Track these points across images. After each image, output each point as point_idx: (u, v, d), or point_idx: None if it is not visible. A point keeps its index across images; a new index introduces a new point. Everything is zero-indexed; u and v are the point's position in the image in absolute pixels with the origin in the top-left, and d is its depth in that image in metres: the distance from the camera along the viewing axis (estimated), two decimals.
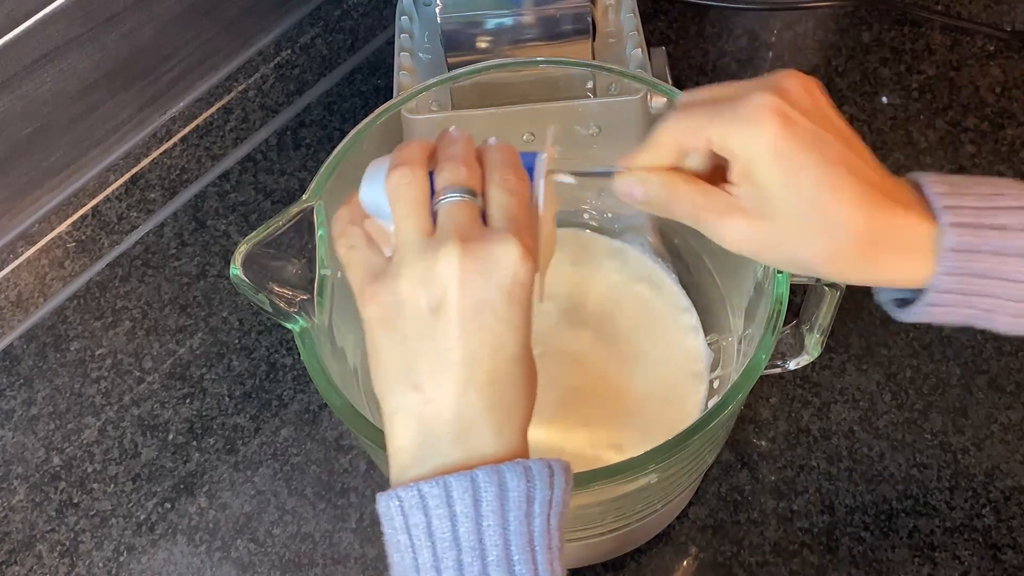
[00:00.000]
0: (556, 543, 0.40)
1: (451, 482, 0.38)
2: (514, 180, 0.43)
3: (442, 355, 0.40)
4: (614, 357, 0.64)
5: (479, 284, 0.39)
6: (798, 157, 0.41)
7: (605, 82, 0.65)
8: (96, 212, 0.80)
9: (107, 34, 0.74)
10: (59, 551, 0.68)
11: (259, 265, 0.51)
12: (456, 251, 0.39)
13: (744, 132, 0.41)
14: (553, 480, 0.40)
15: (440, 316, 0.40)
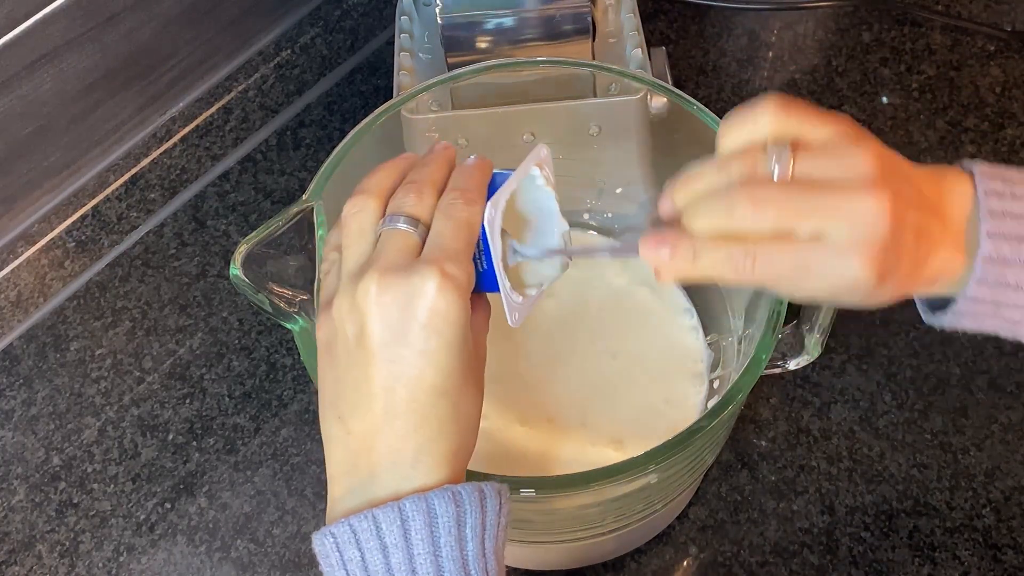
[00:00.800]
0: (493, 566, 0.40)
1: (378, 515, 0.39)
2: (460, 206, 0.42)
3: (360, 386, 0.40)
4: (614, 357, 0.64)
5: (394, 315, 0.40)
6: (886, 295, 0.40)
7: (605, 82, 0.65)
8: (96, 212, 0.80)
9: (107, 34, 0.74)
10: (59, 551, 0.68)
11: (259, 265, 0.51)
12: (374, 282, 0.40)
13: (837, 297, 0.40)
14: (485, 503, 0.40)
15: (360, 346, 0.40)
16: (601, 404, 0.63)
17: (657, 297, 0.67)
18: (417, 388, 0.40)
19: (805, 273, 0.38)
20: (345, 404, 0.41)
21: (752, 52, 0.90)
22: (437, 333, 0.40)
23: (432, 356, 0.40)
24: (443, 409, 0.40)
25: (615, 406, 0.62)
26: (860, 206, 0.37)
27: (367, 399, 0.40)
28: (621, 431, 0.61)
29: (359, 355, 0.40)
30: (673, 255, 0.40)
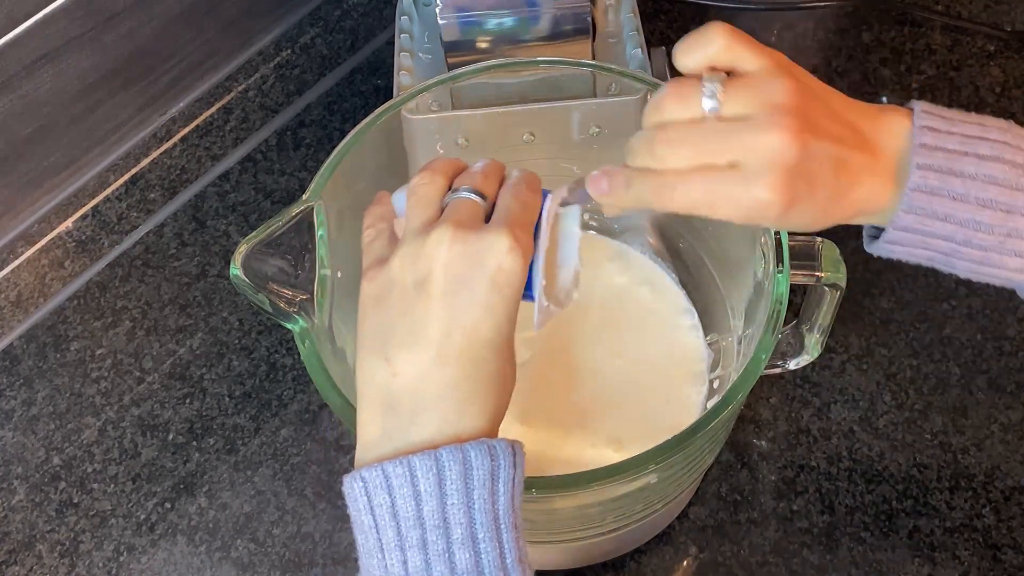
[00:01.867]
0: (520, 523, 0.41)
1: (415, 461, 0.39)
2: (526, 192, 0.45)
3: (416, 329, 0.41)
4: (614, 357, 0.64)
5: (463, 265, 0.41)
6: (805, 218, 0.43)
7: (605, 82, 0.65)
8: (96, 212, 0.80)
9: (107, 34, 0.74)
10: (59, 551, 0.68)
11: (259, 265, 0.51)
12: (448, 233, 0.41)
13: (752, 221, 0.43)
14: (516, 460, 0.41)
15: (421, 292, 0.41)
16: (601, 404, 0.63)
17: (657, 297, 0.67)
18: (474, 339, 0.41)
19: (718, 199, 0.41)
20: (395, 346, 0.41)
21: None
22: (500, 290, 0.41)
23: (493, 310, 0.41)
24: (493, 364, 0.42)
25: (615, 406, 0.62)
26: (768, 138, 0.40)
27: (421, 342, 0.41)
28: (621, 431, 0.61)
29: (420, 300, 0.41)
30: (610, 185, 0.44)
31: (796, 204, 0.41)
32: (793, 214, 0.42)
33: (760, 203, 0.41)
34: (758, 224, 0.48)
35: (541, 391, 0.63)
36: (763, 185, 0.41)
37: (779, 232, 0.52)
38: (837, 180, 0.42)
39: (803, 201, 0.41)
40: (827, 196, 0.42)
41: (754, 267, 0.56)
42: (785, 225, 0.44)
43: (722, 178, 0.41)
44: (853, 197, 0.43)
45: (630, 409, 0.62)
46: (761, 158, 0.41)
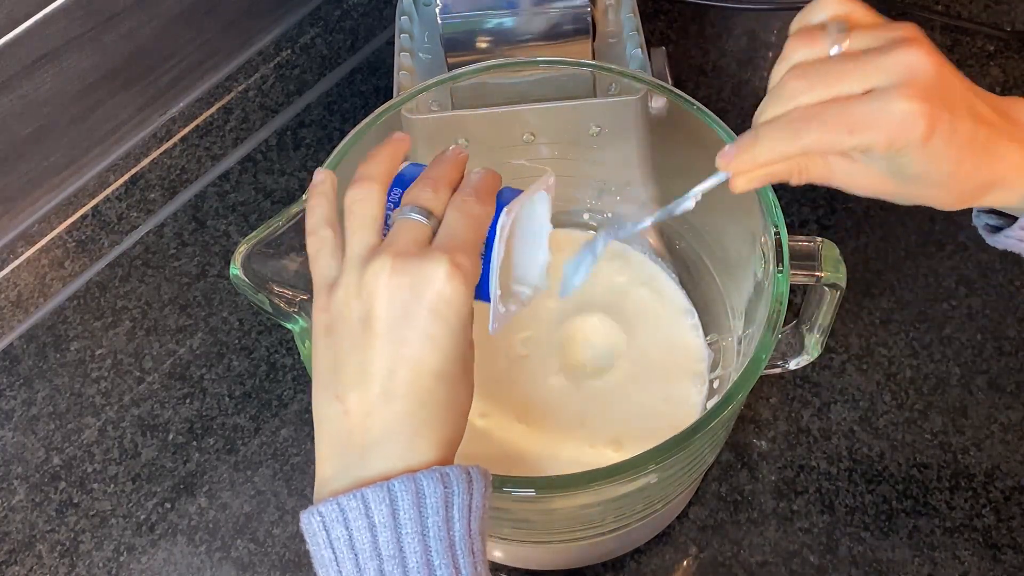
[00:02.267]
0: (479, 547, 0.41)
1: (368, 493, 0.39)
2: (473, 203, 0.43)
3: (363, 366, 0.41)
4: (614, 357, 0.64)
5: (403, 298, 0.40)
6: (947, 162, 0.41)
7: (605, 82, 0.65)
8: (96, 212, 0.80)
9: (107, 34, 0.74)
10: (59, 551, 0.68)
11: (259, 265, 0.51)
12: (386, 265, 0.41)
13: (894, 146, 0.41)
14: (472, 486, 0.41)
15: (365, 328, 0.41)
16: (601, 404, 0.63)
17: (657, 297, 0.67)
18: (419, 371, 0.41)
19: (857, 123, 0.39)
20: (344, 383, 0.42)
21: (752, 52, 0.90)
22: (443, 319, 0.40)
23: (436, 341, 0.41)
24: (441, 394, 0.41)
25: (615, 406, 0.62)
26: (902, 57, 0.39)
27: (368, 379, 0.41)
28: (620, 431, 0.61)
29: (364, 336, 0.41)
30: (737, 148, 0.41)
31: (938, 128, 0.39)
32: (936, 146, 0.40)
33: (903, 117, 0.39)
34: (900, 158, 0.41)
35: (541, 391, 0.63)
36: (904, 96, 0.39)
37: (779, 232, 0.52)
38: (976, 129, 0.41)
39: (944, 133, 0.40)
40: (967, 140, 0.40)
41: (754, 267, 0.56)
42: (928, 163, 0.41)
43: (860, 101, 0.40)
44: (996, 156, 0.41)
45: (630, 409, 0.62)
46: (897, 76, 0.39)
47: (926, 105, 0.39)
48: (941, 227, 0.77)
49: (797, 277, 0.52)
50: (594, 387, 0.63)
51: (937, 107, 0.39)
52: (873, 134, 0.40)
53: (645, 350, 0.65)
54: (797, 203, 0.79)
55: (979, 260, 0.75)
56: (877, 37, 0.40)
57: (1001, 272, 0.75)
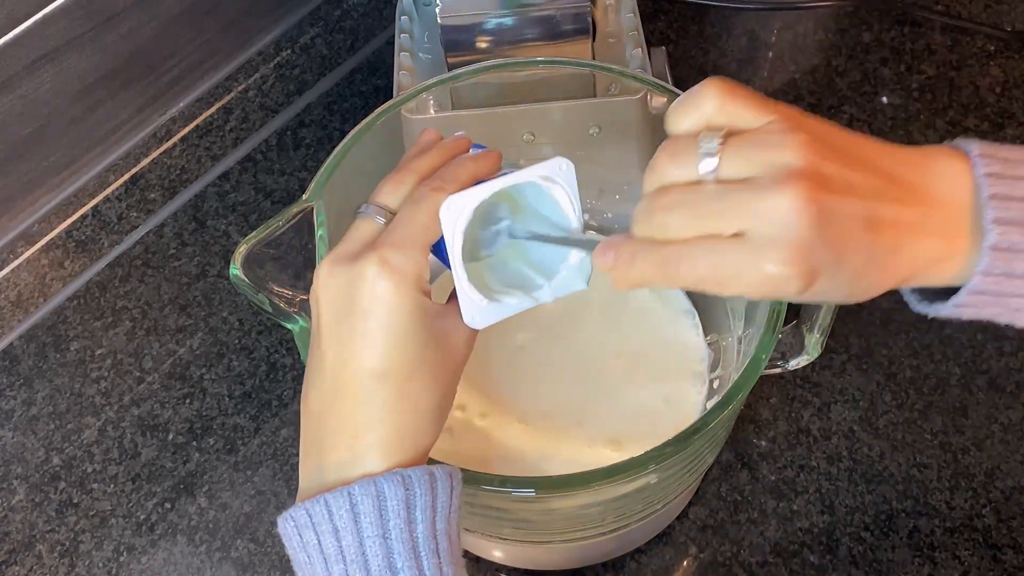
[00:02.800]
0: (445, 547, 0.41)
1: (329, 499, 0.40)
2: (426, 193, 0.43)
3: (316, 366, 0.42)
4: (614, 357, 0.64)
5: (340, 298, 0.41)
6: (839, 290, 0.38)
7: (605, 82, 0.65)
8: (96, 212, 0.80)
9: (107, 34, 0.74)
10: (59, 551, 0.68)
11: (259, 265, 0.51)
12: (325, 267, 0.42)
13: (769, 297, 0.39)
14: (435, 486, 0.41)
15: (316, 328, 0.43)
16: (600, 404, 0.63)
17: (657, 297, 0.67)
18: (357, 370, 0.41)
19: (727, 273, 0.37)
20: (308, 384, 0.43)
21: (752, 52, 0.90)
22: (375, 317, 0.41)
23: (370, 339, 0.41)
24: (384, 393, 0.41)
25: (614, 406, 0.62)
26: (774, 203, 0.35)
27: (320, 379, 0.42)
28: (620, 431, 0.61)
29: (315, 338, 0.43)
30: (616, 259, 0.39)
31: (819, 277, 0.36)
32: (820, 288, 0.36)
33: (773, 279, 0.36)
34: (779, 298, 0.39)
35: (540, 390, 0.63)
36: (773, 260, 0.35)
37: None
38: (875, 242, 0.36)
39: (829, 273, 0.36)
40: (863, 263, 0.37)
41: None
42: (816, 299, 0.38)
43: (728, 249, 0.36)
44: (902, 259, 0.38)
45: (630, 409, 0.62)
46: (768, 227, 0.35)
47: (798, 265, 0.35)
48: None
49: None
50: (593, 387, 0.63)
51: (817, 255, 0.35)
52: (744, 288, 0.37)
53: (645, 350, 0.65)
54: None
55: None
56: (752, 161, 0.36)
57: None
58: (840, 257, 0.36)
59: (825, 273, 0.36)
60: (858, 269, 0.37)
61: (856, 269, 0.37)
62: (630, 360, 0.64)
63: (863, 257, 0.37)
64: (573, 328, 0.66)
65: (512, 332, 0.66)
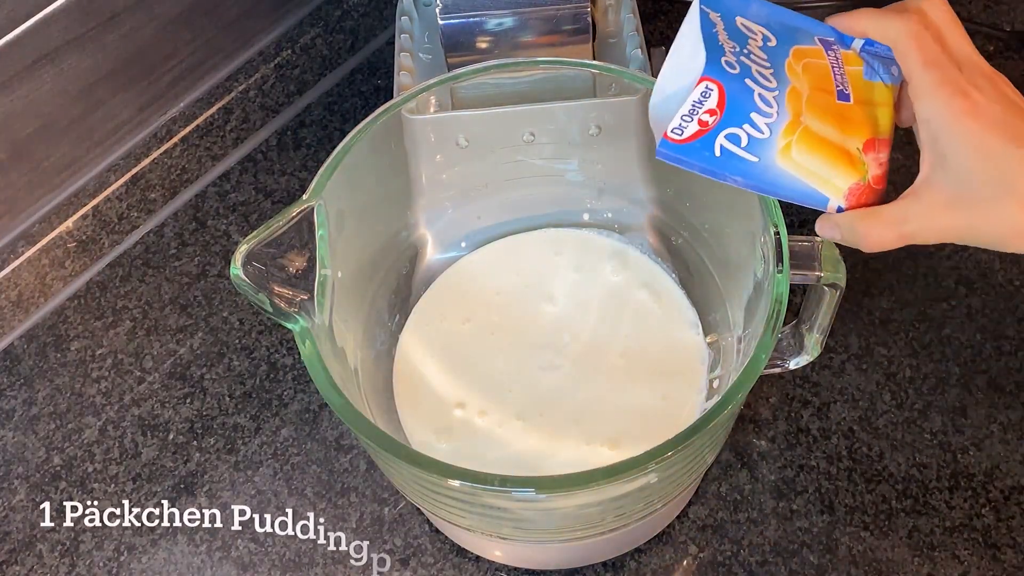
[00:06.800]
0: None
1: None
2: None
3: None
4: (614, 356, 0.64)
5: None
6: (986, 139, 0.43)
7: (605, 82, 0.65)
8: (96, 212, 0.80)
9: (107, 34, 0.74)
10: (59, 551, 0.68)
11: (259, 265, 0.51)
12: None
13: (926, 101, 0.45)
14: None
15: None
16: (599, 403, 0.63)
17: (657, 297, 0.67)
18: None
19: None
20: None
21: None
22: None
23: None
24: None
25: (614, 405, 0.62)
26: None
27: None
28: (619, 431, 0.61)
29: None
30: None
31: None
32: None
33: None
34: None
35: (540, 389, 0.63)
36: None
37: (779, 232, 0.52)
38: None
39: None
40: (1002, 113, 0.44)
41: (754, 267, 0.56)
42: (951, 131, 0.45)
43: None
44: None
45: (629, 408, 0.62)
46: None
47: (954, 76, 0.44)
48: None
49: (797, 277, 0.52)
50: (593, 386, 0.63)
51: (970, 92, 0.44)
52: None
53: (645, 349, 0.65)
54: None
55: (979, 260, 0.75)
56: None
57: (1001, 272, 0.75)
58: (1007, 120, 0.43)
59: (987, 118, 0.43)
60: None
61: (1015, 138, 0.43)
62: (630, 360, 0.64)
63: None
64: (573, 327, 0.66)
65: (512, 331, 0.66)
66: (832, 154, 0.47)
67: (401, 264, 0.68)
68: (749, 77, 0.46)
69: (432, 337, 0.67)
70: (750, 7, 0.49)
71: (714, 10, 0.48)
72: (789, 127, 0.46)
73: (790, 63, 0.48)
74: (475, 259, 0.70)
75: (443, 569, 0.65)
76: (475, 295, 0.68)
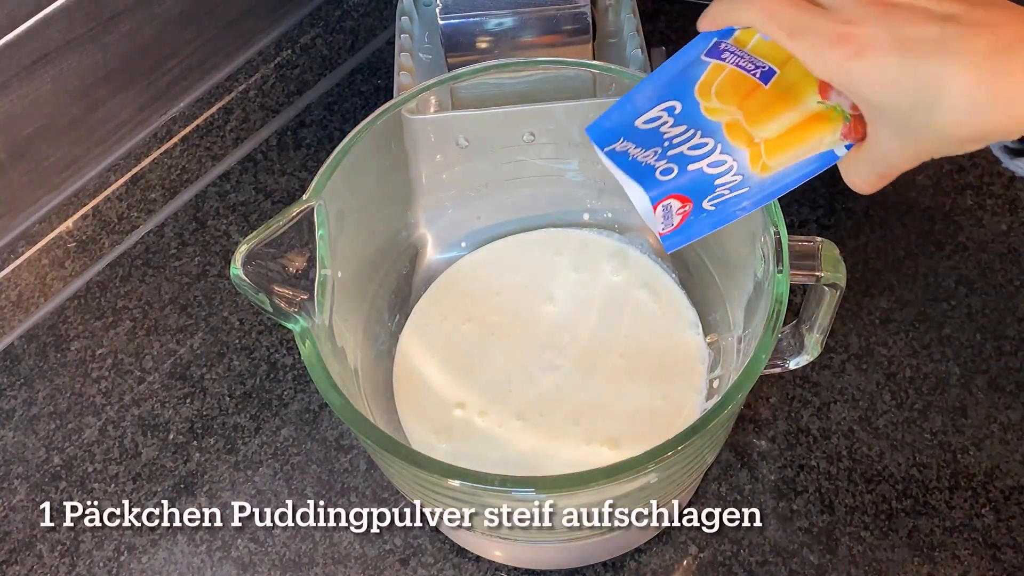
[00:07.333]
0: None
1: None
2: None
3: None
4: (614, 356, 0.64)
5: None
6: (882, 71, 0.41)
7: (605, 82, 0.65)
8: (96, 212, 0.80)
9: (107, 34, 0.75)
10: (59, 551, 0.68)
11: (259, 265, 0.51)
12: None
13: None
14: None
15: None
16: (600, 403, 0.63)
17: (657, 297, 0.67)
18: None
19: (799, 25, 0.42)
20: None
21: None
22: None
23: None
24: None
25: (614, 405, 0.63)
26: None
27: None
28: (618, 431, 0.61)
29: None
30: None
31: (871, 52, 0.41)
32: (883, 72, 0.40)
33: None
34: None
35: (540, 389, 0.63)
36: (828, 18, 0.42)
37: (779, 232, 0.52)
38: (944, 30, 0.40)
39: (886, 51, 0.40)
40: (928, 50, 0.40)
41: (754, 267, 0.56)
42: (901, 99, 0.41)
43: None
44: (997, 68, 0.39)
45: (628, 408, 0.62)
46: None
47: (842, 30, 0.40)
48: (941, 227, 0.77)
49: (797, 277, 0.52)
50: (593, 386, 0.63)
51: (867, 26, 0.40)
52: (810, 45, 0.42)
53: (644, 350, 0.65)
54: (797, 203, 0.79)
55: (979, 260, 0.75)
56: None
57: (1001, 272, 0.75)
58: (901, 36, 0.40)
59: (877, 49, 0.40)
60: (923, 55, 0.39)
61: (919, 56, 0.39)
62: (630, 360, 0.64)
63: (929, 46, 0.39)
64: (573, 327, 0.66)
65: (512, 331, 0.66)
66: (803, 129, 0.46)
67: (401, 264, 0.68)
68: (689, 162, 0.46)
69: (432, 337, 0.67)
70: (636, 102, 0.49)
71: (614, 142, 0.48)
72: (752, 157, 0.46)
73: (704, 108, 0.47)
74: (475, 259, 0.70)
75: (443, 569, 0.65)
76: (475, 295, 0.68)
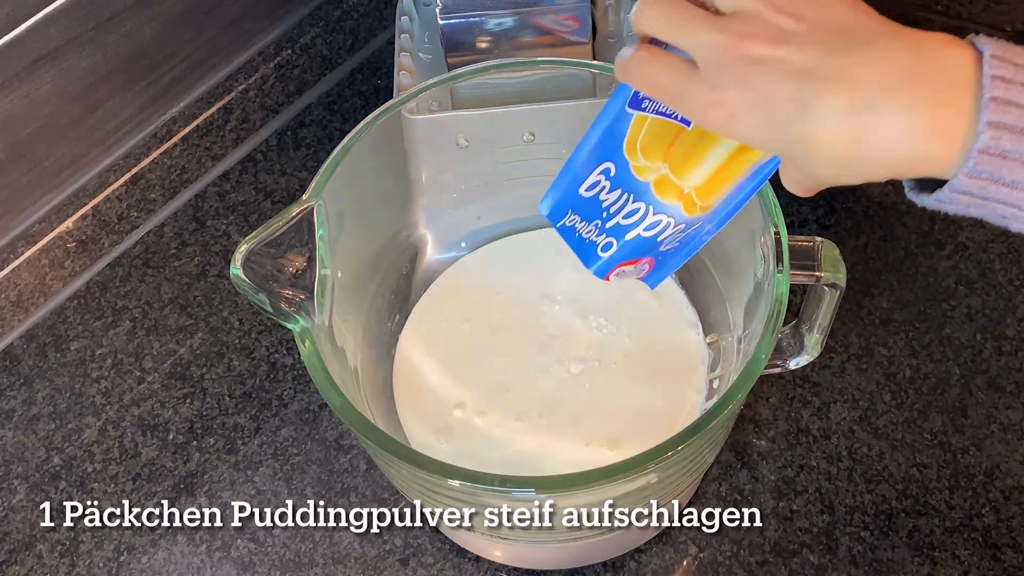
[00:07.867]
0: None
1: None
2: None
3: None
4: (614, 357, 0.64)
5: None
6: (755, 128, 0.40)
7: (605, 82, 0.65)
8: (96, 212, 0.80)
9: (107, 34, 0.75)
10: (59, 551, 0.68)
11: (259, 265, 0.51)
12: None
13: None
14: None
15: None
16: (599, 403, 0.63)
17: (656, 297, 0.67)
18: None
19: (676, 91, 0.41)
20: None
21: None
22: None
23: None
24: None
25: (614, 405, 0.63)
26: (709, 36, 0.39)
27: None
28: (618, 431, 0.61)
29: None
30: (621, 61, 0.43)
31: (740, 116, 0.39)
32: (752, 131, 0.39)
33: (696, 107, 0.40)
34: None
35: (539, 389, 0.63)
36: (699, 84, 0.40)
37: (779, 232, 0.52)
38: (800, 90, 0.38)
39: (750, 113, 0.39)
40: (789, 112, 0.38)
41: (754, 267, 0.56)
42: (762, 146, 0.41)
43: (679, 70, 0.40)
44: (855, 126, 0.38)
45: (628, 408, 0.62)
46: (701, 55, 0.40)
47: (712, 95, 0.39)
48: (941, 227, 0.77)
49: (797, 277, 0.52)
50: (593, 386, 0.63)
51: (731, 93, 0.39)
52: (687, 112, 0.42)
53: (644, 350, 0.65)
54: (797, 203, 0.79)
55: (979, 260, 0.75)
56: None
57: (1001, 272, 0.75)
58: (763, 98, 0.38)
59: (745, 112, 0.39)
60: (785, 117, 0.38)
61: (783, 117, 0.38)
62: (630, 360, 0.64)
63: (790, 105, 0.38)
64: (573, 327, 0.66)
65: (512, 331, 0.66)
66: (732, 164, 0.46)
67: (401, 264, 0.68)
68: (625, 232, 0.48)
69: (432, 337, 0.67)
70: (576, 168, 0.49)
71: (564, 216, 0.50)
72: (687, 206, 0.47)
73: (633, 167, 0.47)
74: (475, 259, 0.70)
75: (443, 569, 0.65)
76: (475, 295, 0.68)
